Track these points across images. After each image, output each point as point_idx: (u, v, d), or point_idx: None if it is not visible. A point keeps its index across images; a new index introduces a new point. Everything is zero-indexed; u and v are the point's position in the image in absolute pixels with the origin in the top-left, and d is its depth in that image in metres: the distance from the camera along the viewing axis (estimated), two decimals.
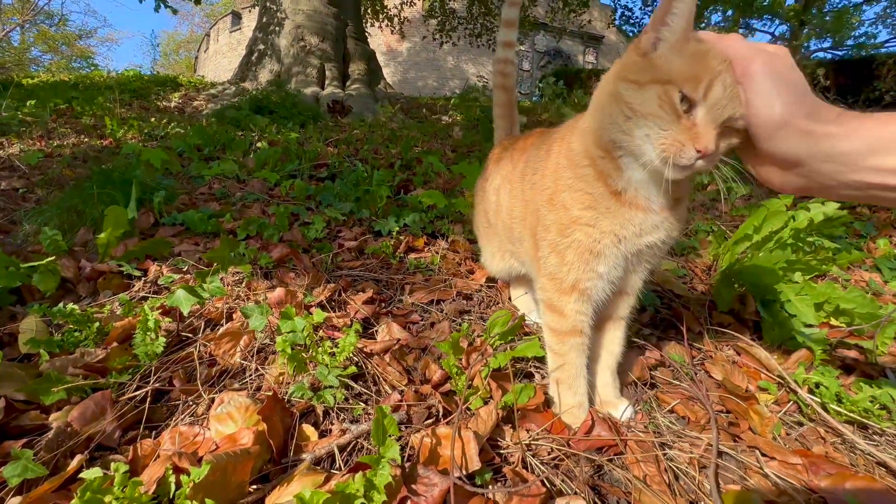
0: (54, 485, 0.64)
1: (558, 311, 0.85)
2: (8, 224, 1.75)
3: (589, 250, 0.79)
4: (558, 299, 0.85)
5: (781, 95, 0.55)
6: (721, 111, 0.59)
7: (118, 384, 0.87)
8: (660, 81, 0.61)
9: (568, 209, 0.80)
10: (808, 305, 1.28)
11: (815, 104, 0.54)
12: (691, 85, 0.59)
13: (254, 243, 1.59)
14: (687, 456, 0.83)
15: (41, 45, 26.27)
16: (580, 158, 0.78)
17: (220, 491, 0.63)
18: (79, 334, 1.02)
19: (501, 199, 1.11)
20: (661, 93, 0.61)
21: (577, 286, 0.82)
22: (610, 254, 0.78)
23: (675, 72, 0.60)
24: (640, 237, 0.76)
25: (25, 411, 0.81)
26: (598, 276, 0.81)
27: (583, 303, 0.84)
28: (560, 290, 0.84)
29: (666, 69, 0.61)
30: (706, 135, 0.60)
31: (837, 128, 0.52)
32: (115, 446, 0.77)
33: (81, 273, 1.29)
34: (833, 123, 0.53)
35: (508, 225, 1.07)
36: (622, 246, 0.78)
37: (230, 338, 1.02)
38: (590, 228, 0.77)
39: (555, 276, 0.85)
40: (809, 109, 0.54)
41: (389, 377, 0.97)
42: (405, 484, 0.66)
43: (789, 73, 0.56)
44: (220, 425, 0.78)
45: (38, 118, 4.98)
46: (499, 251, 1.21)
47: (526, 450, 0.79)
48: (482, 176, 1.33)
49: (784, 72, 0.56)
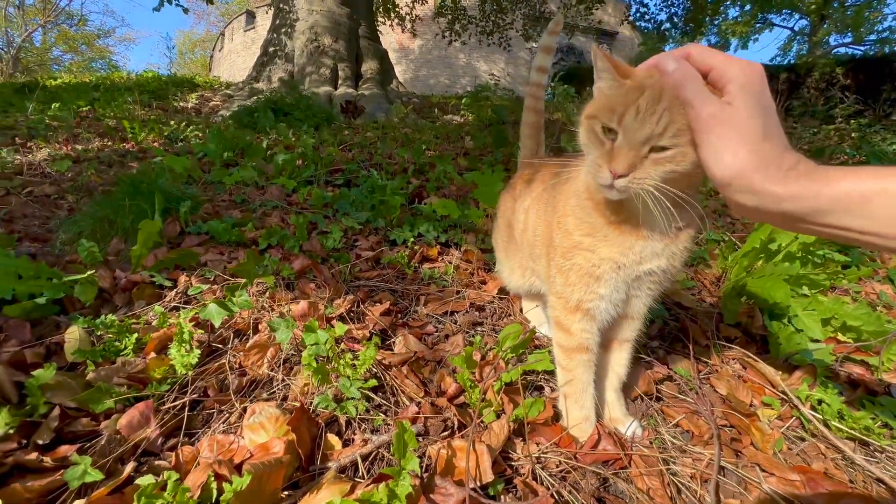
0: (110, 488, 0.71)
1: (565, 329, 0.91)
2: (45, 233, 1.85)
3: (588, 274, 0.84)
4: (565, 317, 0.90)
5: (729, 149, 0.53)
6: (634, 134, 0.64)
7: (159, 394, 0.95)
8: (589, 117, 0.71)
9: (570, 234, 0.86)
10: (815, 321, 1.31)
11: (771, 153, 0.52)
12: (608, 116, 0.67)
13: (275, 253, 1.66)
14: (690, 470, 0.87)
15: (62, 46, 26.88)
16: (581, 189, 0.84)
17: (256, 498, 0.69)
18: (118, 344, 1.10)
19: (530, 218, 1.15)
20: (588, 126, 0.71)
21: (581, 306, 0.88)
22: (609, 278, 0.83)
23: (597, 107, 0.70)
24: (639, 264, 0.81)
25: (77, 418, 0.88)
26: (600, 297, 0.86)
27: (587, 322, 0.89)
28: (566, 309, 0.90)
29: (593, 107, 0.71)
30: (618, 157, 0.66)
31: (784, 188, 0.51)
32: (158, 452, 0.84)
33: (117, 284, 1.37)
34: (782, 182, 0.51)
35: (532, 242, 1.12)
36: (622, 272, 0.82)
37: (258, 350, 1.09)
38: (589, 254, 0.83)
39: (561, 294, 0.91)
40: (761, 162, 0.51)
41: (407, 389, 1.02)
42: (424, 494, 0.72)
43: (745, 122, 0.53)
44: (253, 434, 0.85)
45: (62, 121, 5.14)
46: (519, 268, 1.25)
47: (535, 462, 0.84)
48: (509, 192, 1.38)
49: (739, 121, 0.53)
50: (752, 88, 0.54)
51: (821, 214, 0.50)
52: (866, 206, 0.47)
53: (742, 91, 0.54)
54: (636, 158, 0.65)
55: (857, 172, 0.49)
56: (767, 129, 0.53)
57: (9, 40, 23.43)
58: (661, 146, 0.64)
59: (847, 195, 0.48)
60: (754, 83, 0.54)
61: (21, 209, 2.16)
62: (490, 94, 9.09)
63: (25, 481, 0.72)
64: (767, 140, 0.52)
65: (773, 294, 1.27)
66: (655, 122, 0.62)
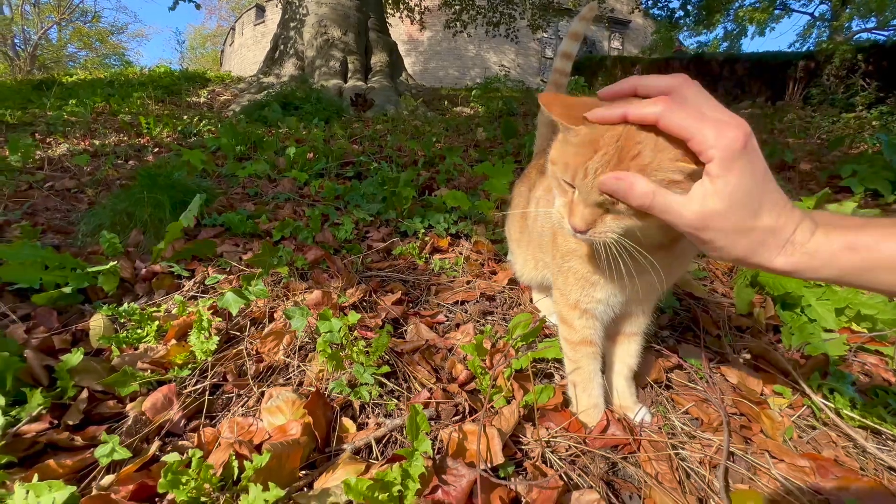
0: (137, 465, 0.75)
1: (568, 324, 0.92)
2: (67, 225, 1.91)
3: (584, 279, 0.85)
4: (567, 313, 0.91)
5: (723, 241, 0.50)
6: (587, 196, 0.60)
7: (180, 378, 0.98)
8: (552, 162, 0.66)
9: (567, 239, 0.86)
10: (828, 310, 1.30)
11: (767, 231, 0.49)
12: (563, 169, 0.62)
13: (288, 244, 1.70)
14: (698, 456, 0.88)
15: (76, 42, 27.28)
16: None
17: (276, 476, 0.72)
18: (140, 331, 1.14)
19: (540, 208, 1.16)
20: (552, 172, 0.66)
21: (579, 306, 0.88)
22: (605, 285, 0.83)
23: (555, 155, 0.65)
24: (638, 276, 0.80)
25: (104, 401, 0.92)
26: (597, 301, 0.86)
27: (588, 319, 0.89)
28: (568, 305, 0.91)
29: (554, 152, 0.66)
30: (576, 213, 0.62)
31: (786, 261, 0.50)
32: (181, 433, 0.88)
33: (137, 274, 1.42)
34: (784, 256, 0.50)
35: (541, 233, 1.13)
36: (626, 281, 0.82)
37: (274, 337, 1.12)
38: (583, 260, 0.83)
39: (563, 291, 0.92)
40: (759, 245, 0.50)
41: (419, 375, 1.05)
42: (436, 474, 0.74)
43: (734, 209, 0.48)
44: (271, 417, 0.88)
45: (80, 117, 5.25)
46: (532, 259, 1.25)
47: (545, 446, 0.86)
48: (524, 181, 1.37)
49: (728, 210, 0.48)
50: (739, 159, 0.47)
51: (834, 281, 0.50)
52: (863, 277, 0.48)
53: (731, 162, 0.47)
54: (593, 215, 0.62)
55: (853, 243, 0.48)
56: (761, 201, 0.49)
57: (26, 38, 23.86)
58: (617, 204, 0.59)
59: (843, 268, 0.48)
60: (738, 152, 0.47)
61: (43, 202, 2.22)
62: (500, 86, 9.04)
63: (58, 458, 0.76)
64: (760, 217, 0.49)
65: (784, 284, 1.27)
66: (598, 186, 0.58)
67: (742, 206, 0.48)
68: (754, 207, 0.48)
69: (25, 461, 0.77)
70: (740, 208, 0.48)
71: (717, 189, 0.48)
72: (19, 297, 1.26)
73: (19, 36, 23.73)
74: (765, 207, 0.49)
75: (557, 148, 0.65)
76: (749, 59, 9.44)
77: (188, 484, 0.66)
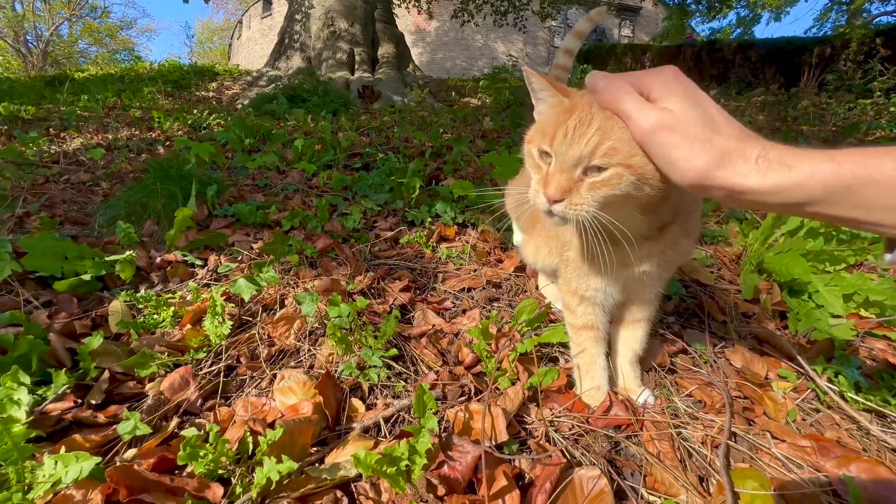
0: (158, 441, 0.79)
1: (571, 310, 0.94)
2: (83, 217, 1.96)
3: (580, 269, 0.86)
4: (569, 300, 0.93)
5: (681, 152, 0.49)
6: (565, 156, 0.61)
7: (196, 361, 1.02)
8: (528, 141, 0.71)
9: (563, 231, 0.88)
10: (836, 296, 1.30)
11: (728, 146, 0.48)
12: (540, 138, 0.66)
13: (298, 234, 1.73)
14: (700, 435, 0.90)
15: (87, 38, 27.54)
16: None
17: (288, 451, 0.75)
18: (157, 317, 1.18)
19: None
20: (528, 151, 0.70)
21: (578, 293, 0.90)
22: (601, 275, 0.85)
23: (534, 131, 0.70)
24: (627, 267, 0.80)
25: (124, 382, 0.96)
26: (594, 290, 0.88)
27: (588, 306, 0.91)
28: (569, 292, 0.93)
29: (532, 131, 0.70)
30: (551, 182, 0.63)
31: (760, 181, 0.46)
32: (197, 412, 0.91)
33: (152, 263, 1.46)
34: (754, 175, 0.46)
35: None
36: (612, 273, 0.83)
37: (285, 322, 1.15)
38: (577, 251, 0.85)
39: (565, 279, 0.94)
40: (721, 158, 0.48)
41: (426, 359, 1.07)
42: (442, 450, 0.77)
43: (687, 120, 0.49)
44: (283, 397, 0.91)
45: (92, 112, 5.33)
46: (545, 246, 1.24)
47: (549, 425, 0.88)
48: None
49: (681, 121, 0.50)
50: (677, 87, 0.52)
51: (811, 205, 0.45)
52: (851, 195, 0.43)
53: (668, 92, 0.52)
54: (569, 182, 0.62)
55: (833, 156, 0.44)
56: (714, 122, 0.49)
57: (38, 34, 24.15)
58: (596, 167, 0.60)
59: (826, 181, 0.43)
60: (674, 83, 0.52)
61: (60, 195, 2.28)
62: (507, 76, 8.97)
63: (84, 434, 0.80)
64: (718, 133, 0.48)
65: (790, 270, 1.27)
66: (585, 143, 0.59)
67: (694, 118, 0.49)
68: (709, 123, 0.49)
69: (53, 436, 0.81)
70: (693, 119, 0.49)
71: (668, 105, 0.52)
72: (41, 285, 1.30)
73: (31, 32, 24.03)
74: (722, 129, 0.49)
75: (533, 128, 0.71)
76: (763, 45, 9.22)
77: (206, 457, 0.70)
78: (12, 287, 1.23)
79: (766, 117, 5.22)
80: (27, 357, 0.92)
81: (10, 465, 0.68)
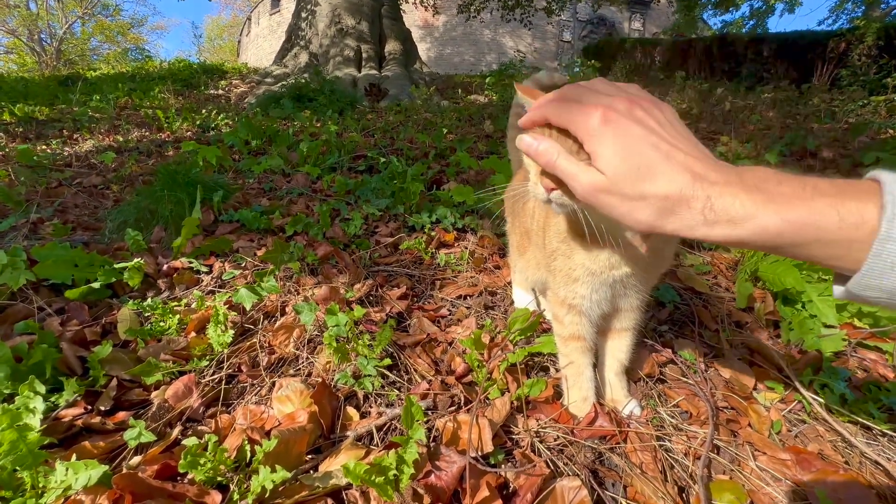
0: (161, 448, 0.83)
1: (559, 320, 0.96)
2: (94, 222, 2.03)
3: (567, 276, 0.88)
4: (557, 310, 0.96)
5: (624, 212, 0.49)
6: None
7: (199, 369, 1.07)
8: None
9: (550, 239, 0.90)
10: (829, 306, 1.31)
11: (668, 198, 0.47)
12: None
13: (300, 240, 1.77)
14: (683, 447, 0.92)
15: (99, 36, 27.88)
16: None
17: (283, 459, 0.79)
18: (163, 324, 1.23)
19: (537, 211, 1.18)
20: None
21: (566, 302, 0.92)
22: (586, 281, 0.87)
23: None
24: (612, 270, 0.83)
25: (131, 389, 1.01)
26: (581, 297, 0.90)
27: (576, 315, 0.93)
28: (558, 302, 0.95)
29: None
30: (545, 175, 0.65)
31: (709, 231, 0.47)
32: (200, 419, 0.96)
33: (160, 269, 1.51)
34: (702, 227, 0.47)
35: (537, 231, 1.16)
36: (596, 277, 0.85)
37: (285, 330, 1.19)
38: (566, 259, 0.87)
39: (553, 290, 0.96)
40: (662, 211, 0.47)
41: (419, 368, 1.11)
42: (430, 460, 0.80)
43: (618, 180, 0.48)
44: (281, 405, 0.95)
45: (103, 112, 5.43)
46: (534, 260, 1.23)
47: (534, 436, 0.91)
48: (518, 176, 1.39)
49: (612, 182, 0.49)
50: (604, 136, 0.49)
51: (763, 249, 0.46)
52: (797, 248, 0.43)
53: (597, 143, 0.49)
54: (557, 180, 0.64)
55: (788, 201, 0.43)
56: (651, 170, 0.47)
57: (51, 32, 24.51)
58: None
59: (771, 238, 0.44)
60: (598, 128, 0.49)
61: (72, 199, 2.35)
62: (515, 72, 8.92)
63: (93, 440, 0.85)
64: (653, 184, 0.46)
65: (783, 279, 1.28)
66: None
67: (625, 174, 0.48)
68: (641, 174, 0.47)
69: (64, 442, 0.86)
70: (625, 175, 0.48)
71: (598, 162, 0.50)
72: (54, 293, 1.36)
73: (45, 31, 24.39)
74: (659, 175, 0.46)
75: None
76: (775, 40, 9.05)
77: (205, 465, 0.74)
78: (27, 294, 1.29)
79: (776, 114, 5.15)
80: (41, 365, 0.97)
81: (26, 471, 0.73)
